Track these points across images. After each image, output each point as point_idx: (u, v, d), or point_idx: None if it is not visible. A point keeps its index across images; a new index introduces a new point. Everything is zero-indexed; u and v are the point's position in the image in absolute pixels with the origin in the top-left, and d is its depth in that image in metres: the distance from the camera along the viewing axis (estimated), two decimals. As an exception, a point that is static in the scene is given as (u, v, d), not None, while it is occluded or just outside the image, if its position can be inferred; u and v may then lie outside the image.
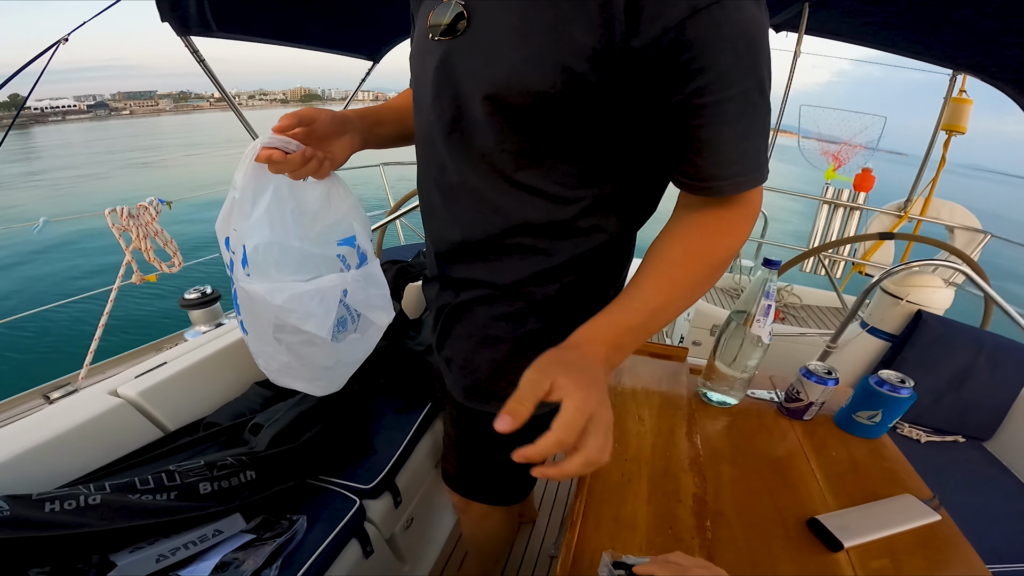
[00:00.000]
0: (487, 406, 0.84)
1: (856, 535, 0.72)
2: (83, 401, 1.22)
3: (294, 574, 1.00)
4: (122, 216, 2.26)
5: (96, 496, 0.93)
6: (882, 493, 0.82)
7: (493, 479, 1.01)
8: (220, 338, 1.52)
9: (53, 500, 0.90)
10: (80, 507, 0.91)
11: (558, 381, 0.51)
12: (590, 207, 0.69)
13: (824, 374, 0.96)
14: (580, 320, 0.71)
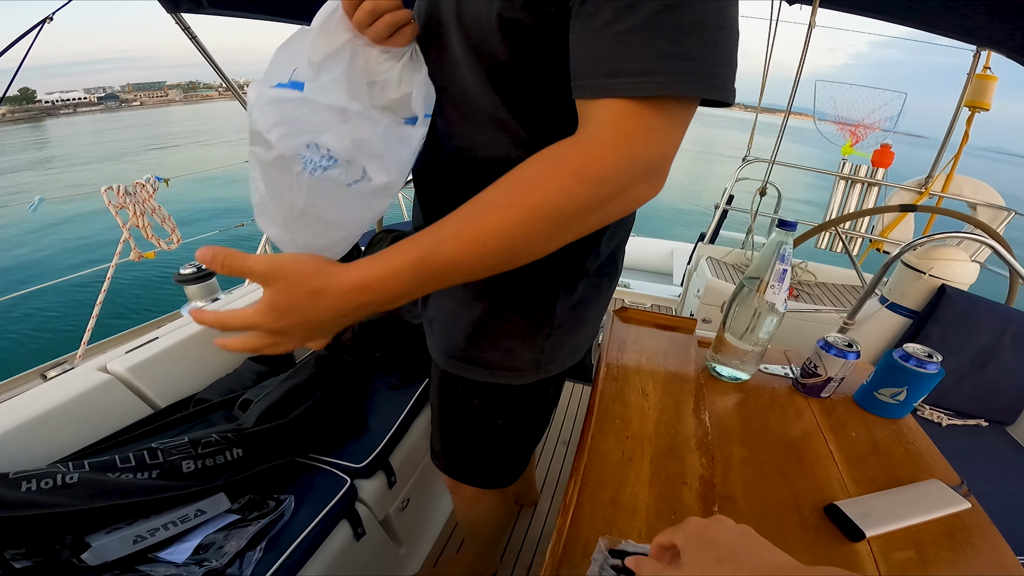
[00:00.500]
0: (466, 371, 0.80)
1: (879, 524, 0.65)
2: (73, 379, 1.20)
3: (279, 556, 0.96)
4: (119, 194, 2.23)
5: (74, 475, 0.91)
6: (906, 478, 0.76)
7: (478, 456, 0.97)
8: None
9: (30, 479, 0.88)
10: (57, 486, 0.89)
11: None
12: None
13: (844, 347, 0.88)
14: (558, 283, 0.68)
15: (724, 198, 3.34)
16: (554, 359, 0.79)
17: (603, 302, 0.83)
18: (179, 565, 0.88)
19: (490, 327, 0.75)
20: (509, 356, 0.77)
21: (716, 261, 2.95)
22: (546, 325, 0.75)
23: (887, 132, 3.44)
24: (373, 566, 1.31)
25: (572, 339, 0.79)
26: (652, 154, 0.46)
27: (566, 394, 2.39)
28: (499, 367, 0.78)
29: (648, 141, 0.45)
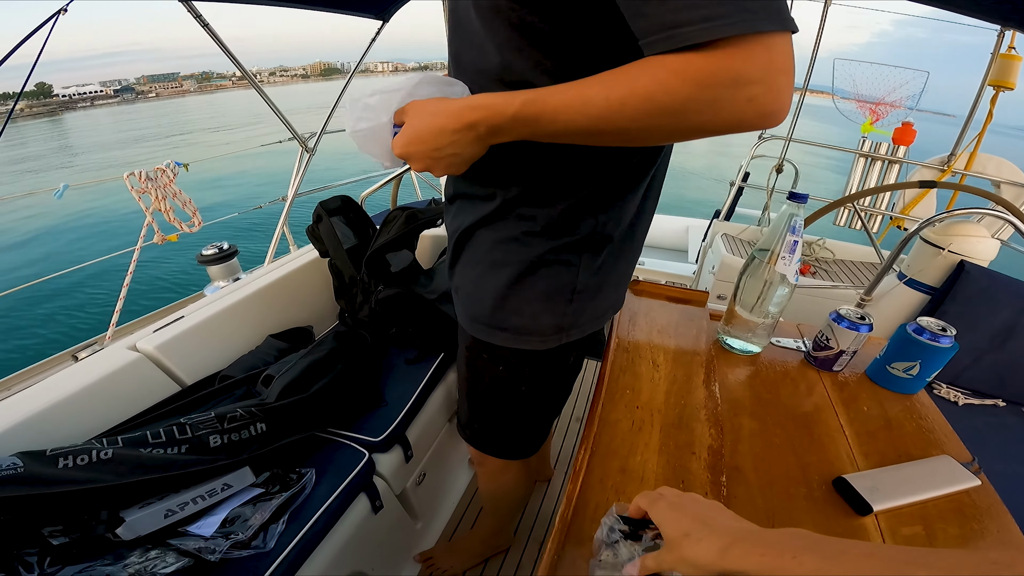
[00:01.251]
0: (491, 336, 0.83)
1: (887, 498, 0.65)
2: (104, 357, 1.23)
3: (301, 528, 0.99)
4: (140, 179, 2.28)
5: (108, 450, 0.93)
6: (917, 454, 0.76)
7: (503, 426, 1.00)
8: (236, 292, 1.51)
9: (67, 455, 0.90)
10: (92, 462, 0.91)
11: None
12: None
13: (857, 319, 0.88)
14: (582, 249, 0.70)
15: (740, 175, 3.30)
16: (576, 324, 0.81)
17: (625, 270, 0.84)
18: (207, 538, 0.91)
19: (515, 293, 0.77)
20: (533, 321, 0.79)
21: (731, 238, 2.92)
22: (569, 290, 0.77)
23: (909, 110, 3.36)
24: (390, 540, 1.34)
25: (593, 304, 0.80)
26: (751, 69, 0.47)
27: (580, 373, 2.39)
28: (523, 332, 0.80)
29: (745, 60, 0.47)
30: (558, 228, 0.72)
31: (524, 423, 1.00)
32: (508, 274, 0.77)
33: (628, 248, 0.81)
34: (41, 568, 0.81)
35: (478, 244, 0.79)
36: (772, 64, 0.48)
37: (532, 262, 0.75)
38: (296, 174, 2.74)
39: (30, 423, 1.03)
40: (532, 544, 1.61)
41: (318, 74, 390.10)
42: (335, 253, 1.59)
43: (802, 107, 3.14)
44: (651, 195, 0.79)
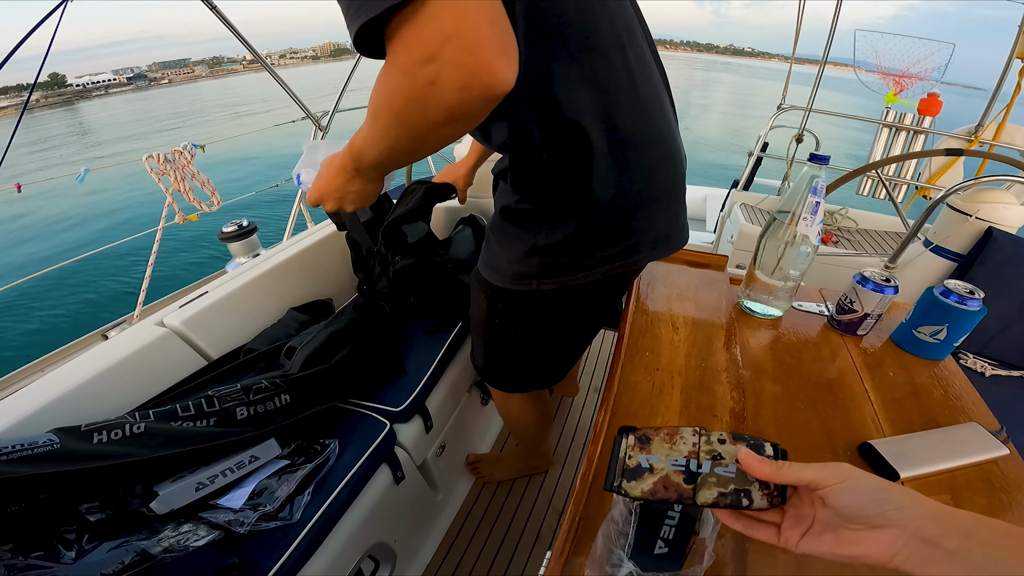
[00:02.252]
0: (486, 272, 0.97)
1: (914, 465, 0.64)
2: (132, 334, 1.25)
3: (326, 499, 1.01)
4: (159, 161, 2.31)
5: (140, 424, 0.95)
6: (943, 421, 0.74)
7: (499, 360, 1.15)
8: (257, 267, 1.53)
9: (100, 430, 0.92)
10: (126, 436, 0.93)
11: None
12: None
13: (882, 281, 0.86)
14: (543, 219, 0.84)
15: (758, 145, 3.24)
16: (548, 275, 0.88)
17: (601, 241, 0.86)
18: (236, 511, 0.93)
19: (499, 242, 0.92)
20: (510, 265, 0.91)
21: (750, 207, 2.88)
22: (531, 248, 0.87)
23: (934, 83, 3.24)
24: (412, 511, 1.37)
25: (565, 261, 0.86)
26: (426, 38, 0.47)
27: (598, 341, 2.41)
28: (507, 274, 0.92)
29: (416, 32, 0.47)
30: (528, 196, 0.84)
31: (517, 362, 1.13)
32: (497, 228, 0.93)
33: (608, 223, 0.84)
34: (79, 545, 0.83)
35: (500, 192, 0.93)
36: (440, 21, 0.46)
37: (506, 223, 0.90)
38: None
39: (64, 400, 1.06)
40: (568, 466, 1.76)
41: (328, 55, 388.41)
42: (352, 226, 1.60)
43: (821, 78, 3.05)
44: (629, 176, 0.81)
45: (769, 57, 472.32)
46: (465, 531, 1.55)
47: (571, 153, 0.76)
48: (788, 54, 3.49)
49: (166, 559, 0.84)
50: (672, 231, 0.91)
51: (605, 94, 0.75)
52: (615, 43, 0.75)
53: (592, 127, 0.75)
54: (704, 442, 0.49)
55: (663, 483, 0.47)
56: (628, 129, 0.78)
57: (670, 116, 0.88)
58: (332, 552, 1.01)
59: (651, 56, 0.84)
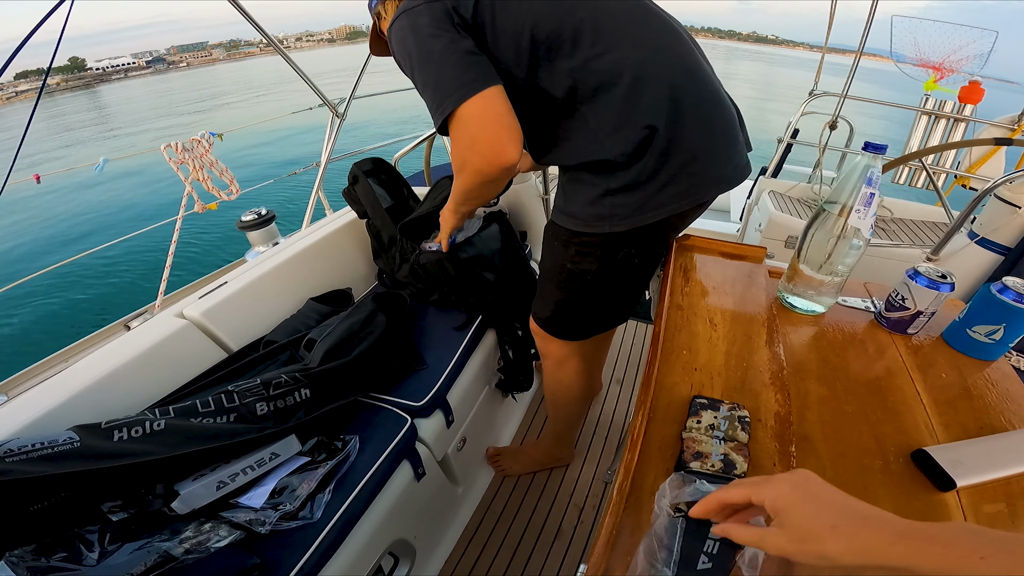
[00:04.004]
0: (558, 219, 1.07)
1: (971, 473, 0.60)
2: (153, 326, 1.24)
3: (346, 498, 0.99)
4: (177, 150, 2.30)
5: (160, 421, 0.94)
6: (1000, 426, 0.69)
7: (564, 307, 1.20)
8: (275, 256, 1.52)
9: (121, 428, 0.91)
10: (146, 434, 0.91)
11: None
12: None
13: (937, 278, 0.81)
14: (609, 168, 0.95)
15: (789, 131, 3.14)
16: (621, 215, 0.96)
17: (658, 182, 0.94)
18: (257, 510, 0.92)
19: (573, 190, 1.02)
20: (584, 209, 1.00)
21: (779, 195, 2.80)
22: (605, 192, 0.96)
23: (971, 75, 3.09)
24: (432, 507, 1.35)
25: (635, 201, 0.95)
26: (462, 136, 0.88)
27: (620, 332, 2.37)
28: (582, 218, 1.01)
29: (457, 131, 0.87)
30: (589, 151, 0.96)
31: (580, 307, 1.19)
32: (569, 179, 1.05)
33: (665, 164, 0.92)
34: (102, 545, 0.83)
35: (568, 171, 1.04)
36: (468, 129, 0.86)
37: (577, 172, 1.01)
38: (328, 139, 2.73)
39: (84, 395, 1.05)
40: (590, 461, 1.73)
41: (343, 38, 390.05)
42: (374, 213, 1.57)
43: (859, 69, 2.93)
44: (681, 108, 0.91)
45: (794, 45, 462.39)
46: (484, 526, 1.53)
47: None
48: (813, 42, 3.39)
49: (187, 560, 0.83)
50: (729, 169, 0.98)
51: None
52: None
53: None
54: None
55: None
56: (669, 78, 0.90)
57: (700, 59, 0.97)
58: (353, 551, 1.00)
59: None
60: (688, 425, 0.64)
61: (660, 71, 0.89)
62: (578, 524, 1.54)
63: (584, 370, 1.37)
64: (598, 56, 0.88)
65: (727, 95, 1.01)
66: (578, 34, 0.88)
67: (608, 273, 1.08)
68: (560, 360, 1.34)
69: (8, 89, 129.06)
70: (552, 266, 1.15)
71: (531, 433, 1.86)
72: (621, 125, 0.90)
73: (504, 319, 1.60)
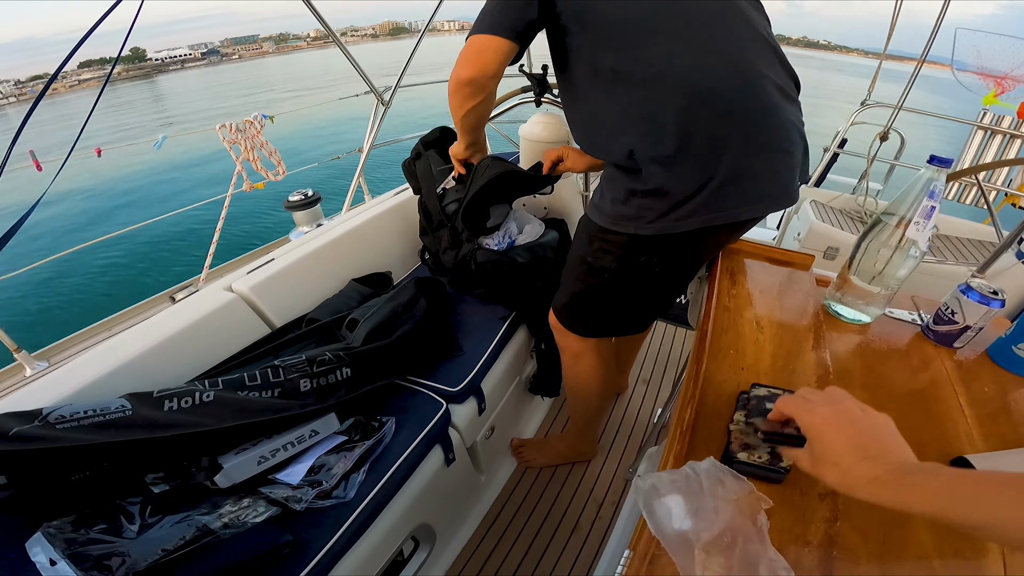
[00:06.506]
0: (591, 213, 1.09)
1: None
2: (201, 298, 1.27)
3: (380, 479, 1.01)
4: (231, 131, 2.39)
5: (210, 392, 0.94)
6: None
7: (580, 302, 1.21)
8: (320, 237, 1.55)
9: (172, 398, 0.91)
10: (196, 404, 0.91)
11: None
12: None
13: (989, 293, 0.80)
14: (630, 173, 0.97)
15: (836, 141, 3.07)
16: (647, 219, 0.97)
17: (688, 192, 0.92)
18: (295, 487, 0.93)
19: (607, 187, 1.04)
20: (613, 207, 1.01)
21: (821, 205, 2.74)
22: (630, 192, 0.97)
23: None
24: (456, 493, 1.37)
25: (661, 206, 0.94)
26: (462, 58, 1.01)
27: (649, 333, 2.34)
28: (609, 215, 1.02)
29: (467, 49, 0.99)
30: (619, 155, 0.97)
31: (604, 304, 1.18)
32: (605, 181, 1.07)
33: (687, 170, 0.91)
34: (143, 517, 0.82)
35: (607, 168, 1.06)
36: (465, 50, 0.99)
37: (610, 179, 1.04)
38: (372, 126, 2.78)
39: (133, 364, 1.07)
40: (612, 458, 1.73)
41: (387, 33, 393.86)
42: (428, 194, 1.58)
43: (917, 76, 2.84)
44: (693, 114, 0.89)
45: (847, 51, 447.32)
46: (504, 515, 1.55)
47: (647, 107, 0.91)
48: (867, 48, 3.29)
49: (225, 535, 0.83)
50: (774, 188, 0.94)
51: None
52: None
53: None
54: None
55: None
56: (709, 85, 0.88)
57: (764, 71, 0.92)
58: (380, 532, 1.02)
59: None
60: (735, 418, 0.65)
61: (706, 78, 0.88)
62: (596, 520, 1.54)
63: (601, 367, 1.37)
64: (647, 49, 0.90)
65: (793, 116, 0.96)
66: (643, 23, 0.90)
67: (626, 275, 1.08)
68: (576, 354, 1.35)
69: (71, 78, 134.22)
70: (574, 257, 1.18)
71: (555, 428, 1.87)
72: (653, 128, 0.91)
73: (544, 323, 1.60)
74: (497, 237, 1.57)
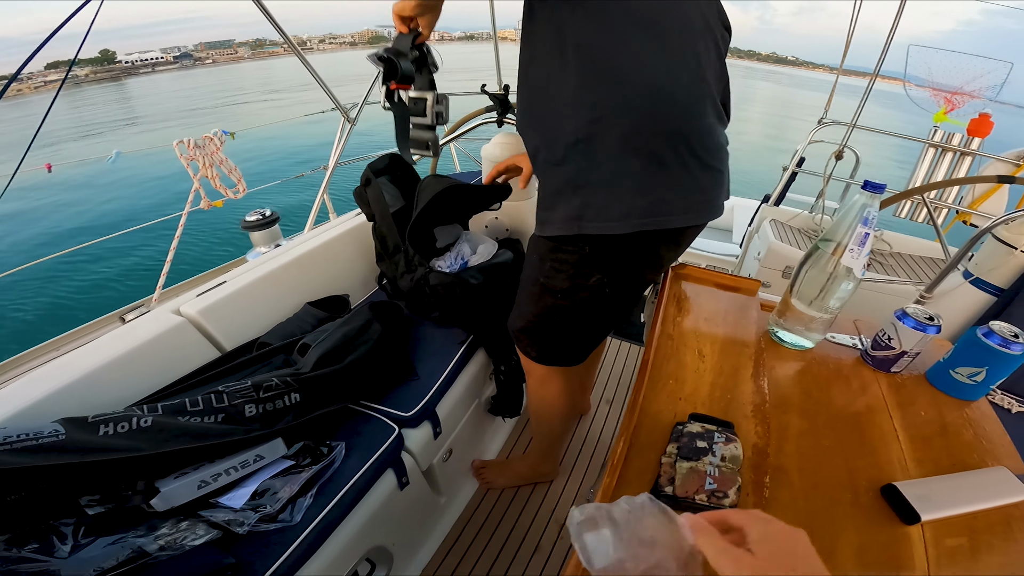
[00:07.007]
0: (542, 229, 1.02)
1: (936, 508, 0.62)
2: (149, 321, 1.24)
3: (328, 503, 0.99)
4: (189, 147, 2.34)
5: (148, 418, 0.93)
6: (972, 463, 0.71)
7: (542, 329, 1.18)
8: (277, 258, 1.52)
9: (107, 423, 0.90)
10: (133, 429, 0.90)
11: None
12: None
13: (924, 320, 0.82)
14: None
15: (794, 160, 3.15)
16: (588, 216, 0.92)
17: (629, 189, 0.90)
18: (236, 510, 0.91)
19: (543, 193, 1.00)
20: (553, 210, 0.97)
21: (780, 224, 2.81)
22: (571, 187, 0.93)
23: (988, 101, 3.10)
24: (413, 514, 1.35)
25: (598, 201, 0.91)
26: None
27: (611, 352, 2.38)
28: (552, 222, 0.97)
29: None
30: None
31: (558, 331, 1.16)
32: (547, 185, 1.00)
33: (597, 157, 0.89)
34: (75, 538, 0.82)
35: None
36: None
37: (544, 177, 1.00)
38: (337, 143, 2.75)
39: (74, 387, 1.04)
40: (573, 479, 1.73)
41: (366, 41, 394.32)
42: (381, 219, 1.57)
43: (872, 92, 2.94)
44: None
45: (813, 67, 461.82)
46: (465, 536, 1.53)
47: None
48: (833, 64, 3.40)
49: (161, 557, 0.83)
50: (704, 200, 0.93)
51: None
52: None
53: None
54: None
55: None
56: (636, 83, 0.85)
57: (713, 92, 0.92)
58: (330, 555, 1.00)
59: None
60: (668, 451, 0.65)
61: (668, 86, 0.86)
62: (557, 540, 1.53)
63: (567, 390, 1.36)
64: (623, 40, 0.84)
65: (724, 139, 0.97)
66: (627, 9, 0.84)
67: (577, 294, 1.05)
68: (543, 378, 1.33)
69: (37, 79, 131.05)
70: (528, 278, 1.15)
71: (517, 448, 1.86)
72: (602, 119, 0.87)
73: (502, 347, 1.60)
74: (449, 259, 1.56)
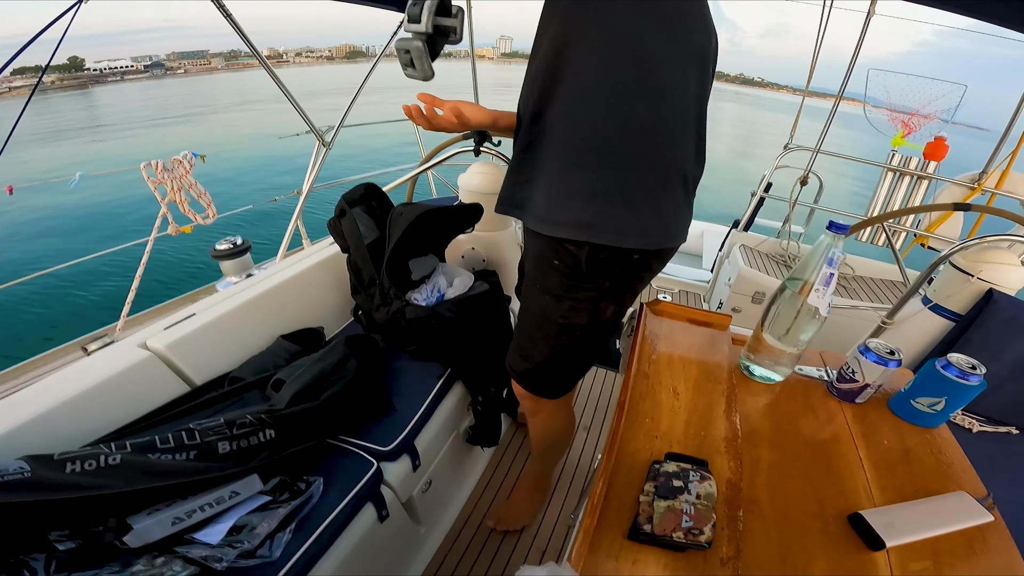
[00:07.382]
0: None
1: (901, 534, 0.65)
2: (114, 354, 1.21)
3: (307, 538, 0.99)
4: (157, 169, 2.28)
5: (117, 456, 0.92)
6: (934, 488, 0.74)
7: (548, 362, 1.17)
8: (248, 290, 1.50)
9: (74, 460, 0.89)
10: (100, 467, 0.89)
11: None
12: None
13: (886, 354, 0.85)
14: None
15: (762, 185, 3.25)
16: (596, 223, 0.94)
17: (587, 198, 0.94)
18: (214, 546, 0.90)
19: (545, 171, 0.99)
20: (557, 198, 0.97)
21: (750, 249, 2.88)
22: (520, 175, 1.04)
23: (943, 123, 3.27)
24: (394, 546, 1.33)
25: (565, 203, 0.95)
26: None
27: (588, 379, 2.39)
28: (558, 212, 0.97)
29: None
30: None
31: (572, 365, 1.20)
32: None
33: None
34: (47, 573, 0.81)
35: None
36: None
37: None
38: (312, 168, 2.73)
39: (38, 422, 1.02)
40: (554, 505, 1.74)
41: (343, 56, 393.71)
42: (356, 252, 1.55)
43: (836, 114, 3.06)
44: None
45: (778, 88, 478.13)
46: (447, 564, 1.52)
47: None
48: (797, 86, 3.52)
49: None
50: (662, 224, 0.96)
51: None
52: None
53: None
54: None
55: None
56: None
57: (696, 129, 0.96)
58: None
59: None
60: (645, 489, 0.66)
61: (665, 103, 0.90)
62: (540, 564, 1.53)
63: (571, 412, 1.44)
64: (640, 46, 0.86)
65: (694, 174, 1.00)
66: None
67: (595, 327, 1.09)
68: (553, 412, 1.35)
69: (2, 85, 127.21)
70: (540, 318, 1.12)
71: (497, 474, 1.86)
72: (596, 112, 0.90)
73: (480, 378, 1.60)
74: (425, 292, 1.57)
